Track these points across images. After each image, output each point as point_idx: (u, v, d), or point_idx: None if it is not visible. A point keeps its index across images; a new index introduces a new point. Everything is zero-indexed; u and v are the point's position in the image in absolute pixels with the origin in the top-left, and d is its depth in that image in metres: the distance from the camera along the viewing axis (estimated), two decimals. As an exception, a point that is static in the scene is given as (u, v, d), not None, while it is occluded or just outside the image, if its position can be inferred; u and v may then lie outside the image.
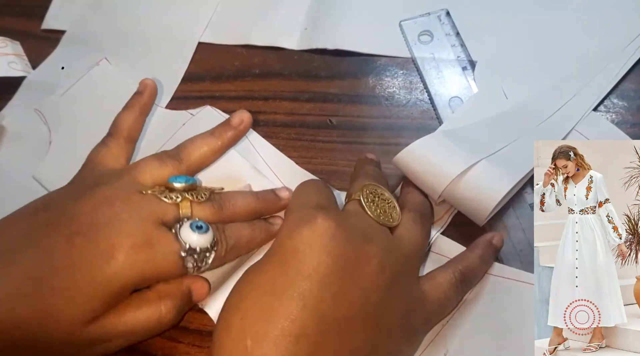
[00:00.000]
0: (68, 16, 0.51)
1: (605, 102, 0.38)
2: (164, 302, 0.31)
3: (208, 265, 0.31)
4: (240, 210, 0.34)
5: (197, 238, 0.30)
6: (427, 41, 0.42)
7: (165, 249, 0.30)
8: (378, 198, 0.30)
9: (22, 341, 0.28)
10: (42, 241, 0.29)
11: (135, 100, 0.40)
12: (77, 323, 0.28)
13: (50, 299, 0.28)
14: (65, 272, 0.28)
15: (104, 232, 0.29)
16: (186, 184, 0.33)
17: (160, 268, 0.30)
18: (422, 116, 0.40)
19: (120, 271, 0.28)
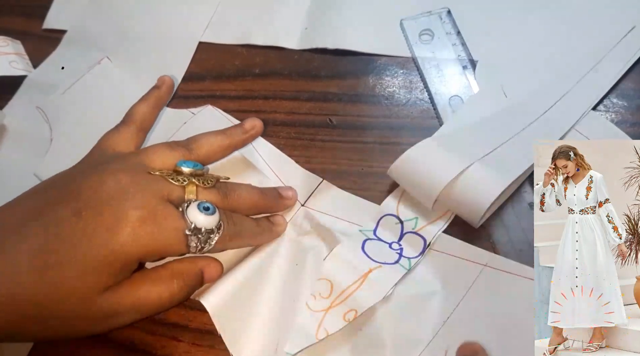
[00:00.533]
0: (69, 16, 0.51)
1: (605, 102, 0.38)
2: (176, 280, 0.32)
3: (211, 247, 0.31)
4: (244, 201, 0.34)
5: (204, 218, 0.30)
6: (428, 40, 0.42)
7: (171, 225, 0.30)
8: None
9: (33, 315, 0.29)
10: (50, 215, 0.30)
11: (151, 93, 0.41)
12: (88, 296, 0.29)
13: (59, 272, 0.28)
14: (73, 245, 0.29)
15: (110, 206, 0.29)
16: (194, 169, 0.33)
17: (164, 243, 0.30)
18: (422, 115, 0.40)
19: (125, 244, 0.29)
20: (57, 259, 0.28)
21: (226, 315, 0.33)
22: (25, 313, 0.28)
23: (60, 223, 0.29)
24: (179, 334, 0.35)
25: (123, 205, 0.29)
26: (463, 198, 0.33)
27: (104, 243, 0.29)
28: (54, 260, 0.28)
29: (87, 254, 0.29)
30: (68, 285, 0.28)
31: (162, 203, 0.30)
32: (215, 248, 0.32)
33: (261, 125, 0.40)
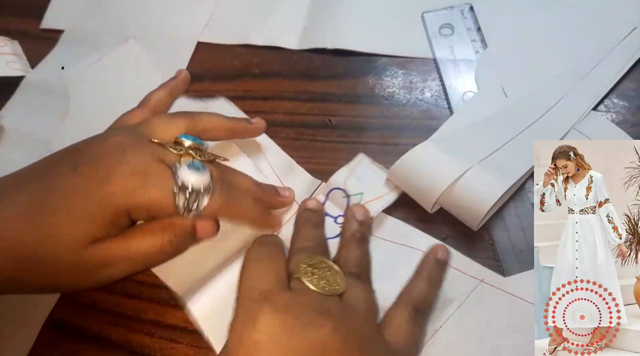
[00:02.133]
0: (67, 16, 0.51)
1: (606, 102, 0.38)
2: (166, 233, 0.32)
3: (199, 209, 0.31)
4: (239, 184, 0.34)
5: (192, 176, 0.30)
6: (448, 34, 0.42)
7: (159, 181, 0.30)
8: (318, 269, 0.30)
9: (26, 261, 0.29)
10: (50, 172, 0.31)
11: (168, 82, 0.42)
12: (79, 244, 0.29)
13: (52, 220, 0.29)
14: (67, 195, 0.30)
15: (105, 160, 0.30)
16: (193, 143, 0.33)
17: (152, 198, 0.30)
18: (422, 116, 0.40)
19: (115, 194, 0.29)
20: (50, 208, 0.29)
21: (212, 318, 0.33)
22: (19, 258, 0.29)
23: (57, 177, 0.30)
24: (177, 336, 0.34)
25: (118, 159, 0.30)
26: (462, 201, 0.33)
27: (94, 193, 0.29)
28: (47, 209, 0.29)
29: (79, 203, 0.29)
30: (58, 232, 0.29)
31: (156, 162, 0.31)
32: (205, 212, 0.31)
33: (265, 127, 0.39)
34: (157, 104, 0.40)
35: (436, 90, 0.41)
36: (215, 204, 0.31)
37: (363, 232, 0.34)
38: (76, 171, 0.30)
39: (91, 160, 0.31)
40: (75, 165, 0.30)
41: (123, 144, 0.31)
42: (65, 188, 0.30)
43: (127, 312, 0.36)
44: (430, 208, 0.35)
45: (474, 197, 0.33)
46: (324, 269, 0.30)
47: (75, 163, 0.31)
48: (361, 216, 0.34)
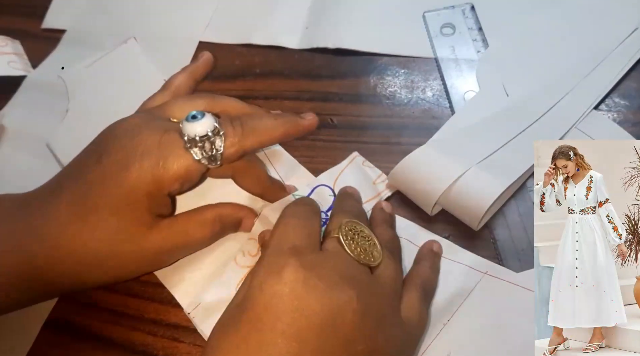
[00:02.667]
0: (68, 16, 0.51)
1: (607, 101, 0.38)
2: (217, 224, 0.34)
3: (221, 152, 0.31)
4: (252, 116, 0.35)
5: (193, 126, 0.31)
6: (449, 33, 0.43)
7: (171, 147, 0.31)
8: (358, 235, 0.29)
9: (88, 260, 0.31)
10: (81, 168, 0.32)
11: (189, 65, 0.42)
12: (136, 232, 0.31)
13: (97, 215, 0.30)
14: (102, 189, 0.31)
15: (122, 146, 0.31)
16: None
17: (173, 165, 0.31)
18: (423, 115, 0.40)
19: (139, 179, 0.30)
20: (92, 204, 0.30)
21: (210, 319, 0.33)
22: (82, 260, 0.31)
23: (87, 172, 0.31)
24: (180, 335, 0.35)
25: (133, 141, 0.31)
26: (461, 202, 0.33)
27: (122, 182, 0.30)
28: (89, 206, 0.30)
29: (114, 194, 0.30)
30: (111, 225, 0.30)
31: (167, 133, 0.32)
32: (229, 153, 0.32)
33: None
34: (179, 87, 0.40)
35: (437, 89, 0.41)
36: (234, 140, 0.32)
37: (392, 218, 0.35)
38: (100, 163, 0.31)
39: (111, 148, 0.31)
40: (99, 156, 0.31)
41: (139, 125, 0.32)
42: (98, 184, 0.31)
43: (129, 311, 0.36)
44: (430, 211, 0.35)
45: (473, 197, 0.33)
46: (363, 238, 0.29)
47: (99, 155, 0.32)
48: (388, 209, 0.35)
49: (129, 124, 0.32)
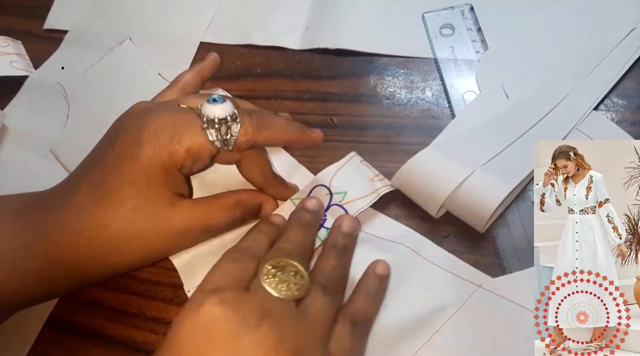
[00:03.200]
0: (70, 16, 0.52)
1: (606, 101, 0.38)
2: (238, 208, 0.34)
3: (234, 138, 0.32)
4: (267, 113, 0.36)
5: (213, 108, 0.32)
6: (449, 34, 0.43)
7: (188, 124, 0.32)
8: (282, 271, 0.29)
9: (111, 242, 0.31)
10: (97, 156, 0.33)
11: (197, 64, 0.43)
12: (156, 209, 0.31)
13: (117, 196, 0.31)
14: (117, 170, 0.31)
15: (134, 127, 0.32)
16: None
17: (188, 143, 0.31)
18: (423, 115, 0.40)
19: (153, 156, 0.31)
20: (110, 186, 0.31)
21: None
22: (103, 242, 0.31)
23: (103, 159, 0.32)
24: (180, 333, 0.35)
25: (144, 120, 0.32)
26: (467, 204, 0.33)
27: (136, 159, 0.31)
28: (108, 188, 0.31)
29: (130, 173, 0.31)
30: (130, 204, 0.31)
31: (182, 112, 0.32)
32: (242, 140, 0.32)
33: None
34: (187, 84, 0.40)
35: (437, 89, 0.41)
36: (248, 130, 0.32)
37: (345, 244, 0.34)
38: (114, 148, 0.32)
39: (124, 130, 0.32)
40: (113, 141, 0.32)
41: (148, 107, 0.33)
42: (113, 166, 0.31)
43: (130, 310, 0.36)
44: (436, 214, 0.35)
45: (479, 200, 0.33)
46: (288, 273, 0.30)
47: (112, 140, 0.32)
48: (347, 228, 0.34)
49: (142, 106, 0.33)
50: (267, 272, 0.29)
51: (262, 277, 0.29)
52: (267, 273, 0.29)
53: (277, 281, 0.29)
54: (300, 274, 0.30)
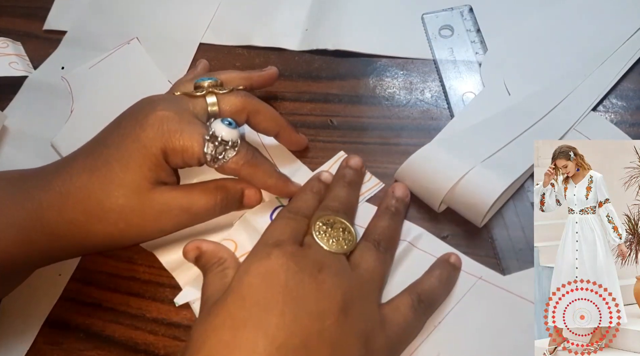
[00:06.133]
0: (69, 17, 0.52)
1: (604, 102, 0.38)
2: (220, 192, 0.35)
3: (225, 161, 0.34)
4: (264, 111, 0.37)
5: (223, 128, 0.33)
6: (448, 35, 0.43)
7: (192, 128, 0.33)
8: (331, 227, 0.32)
9: (95, 211, 0.33)
10: (102, 134, 0.35)
11: (190, 70, 0.44)
12: (140, 188, 0.33)
13: (107, 169, 0.33)
14: (116, 147, 0.33)
15: (142, 111, 0.34)
16: (211, 81, 0.36)
17: (185, 142, 0.33)
18: (422, 116, 0.40)
19: (152, 139, 0.33)
20: (105, 160, 0.33)
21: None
22: (89, 209, 0.32)
23: (107, 136, 0.34)
24: (181, 334, 0.35)
25: (153, 107, 0.34)
26: (466, 199, 0.34)
27: (136, 138, 0.33)
28: (103, 162, 0.33)
29: (126, 151, 0.33)
30: (117, 178, 0.33)
31: (189, 113, 0.34)
32: (229, 166, 0.34)
33: (276, 71, 0.41)
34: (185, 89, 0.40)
35: (436, 90, 0.41)
36: (239, 161, 0.34)
37: (397, 207, 0.35)
38: (119, 127, 0.34)
39: (130, 115, 0.34)
40: (118, 122, 0.34)
41: (157, 99, 0.35)
42: (113, 142, 0.33)
43: (130, 311, 0.36)
44: (438, 207, 0.35)
45: (477, 195, 0.33)
46: (338, 229, 0.32)
47: (119, 121, 0.35)
48: (400, 193, 0.36)
49: (147, 99, 0.35)
50: (318, 229, 0.32)
51: (314, 233, 0.32)
52: (318, 230, 0.32)
53: (327, 236, 0.32)
54: (348, 230, 0.33)
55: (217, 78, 0.37)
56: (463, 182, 0.33)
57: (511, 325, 0.31)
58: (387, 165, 0.38)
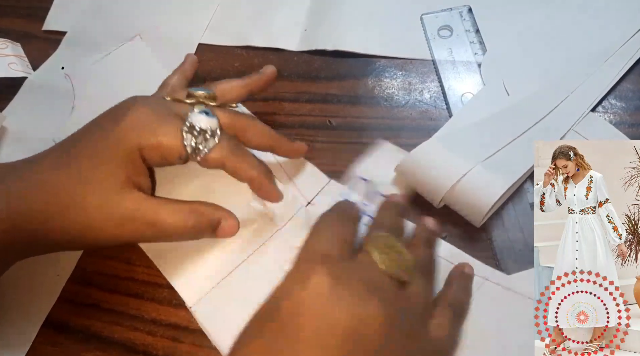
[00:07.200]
0: (69, 18, 0.52)
1: (604, 103, 0.38)
2: (192, 216, 0.33)
3: (207, 151, 0.32)
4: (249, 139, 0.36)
5: (200, 118, 0.32)
6: (447, 36, 0.43)
7: (170, 122, 0.33)
8: (391, 250, 0.29)
9: (62, 206, 0.31)
10: (79, 131, 0.34)
11: (178, 67, 0.43)
12: (107, 188, 0.32)
13: (79, 165, 0.32)
14: (89, 144, 0.33)
15: (122, 109, 0.33)
16: (204, 93, 0.35)
17: (162, 137, 0.32)
18: (421, 117, 0.40)
19: (126, 134, 0.32)
20: (74, 155, 0.32)
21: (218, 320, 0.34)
22: (59, 202, 0.31)
23: (83, 133, 0.34)
24: (179, 335, 0.35)
25: (132, 104, 0.33)
26: (466, 199, 0.34)
27: (110, 135, 0.32)
28: (74, 157, 0.32)
29: (99, 148, 0.32)
30: (83, 175, 0.32)
31: (167, 111, 0.33)
32: (212, 157, 0.33)
33: (274, 70, 0.40)
34: (174, 86, 0.40)
35: (435, 91, 0.41)
36: (221, 151, 0.33)
37: (433, 239, 0.34)
38: (96, 123, 0.34)
39: (109, 113, 0.34)
40: (96, 121, 0.34)
41: (138, 98, 0.34)
42: (88, 139, 0.33)
43: (129, 311, 0.36)
44: (437, 204, 0.35)
45: (477, 195, 0.33)
46: (396, 252, 0.29)
47: (96, 120, 0.34)
48: (431, 225, 0.34)
49: (129, 98, 0.35)
50: (378, 246, 0.28)
51: (374, 250, 0.28)
52: (378, 247, 0.28)
53: (387, 257, 0.28)
54: (405, 257, 0.29)
55: (213, 90, 0.36)
56: (463, 181, 0.33)
57: (518, 325, 0.31)
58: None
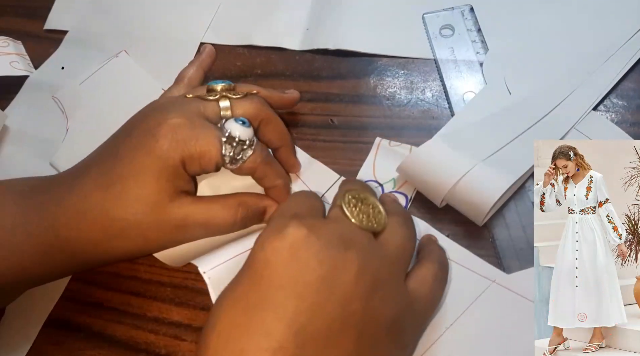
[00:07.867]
0: (70, 17, 0.52)
1: (605, 102, 0.38)
2: (241, 208, 0.34)
3: (243, 161, 0.33)
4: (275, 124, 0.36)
5: (239, 128, 0.33)
6: (448, 35, 0.43)
7: (206, 132, 0.32)
8: (362, 203, 0.30)
9: (112, 229, 0.32)
10: (111, 145, 0.34)
11: (196, 58, 0.42)
12: (157, 202, 0.32)
13: (122, 185, 0.32)
14: (129, 161, 0.32)
15: (154, 119, 0.33)
16: (224, 84, 0.35)
17: (202, 147, 0.32)
18: (423, 116, 0.40)
19: (167, 150, 0.32)
20: (118, 175, 0.32)
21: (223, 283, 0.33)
22: (106, 227, 0.32)
23: (117, 147, 0.33)
24: (182, 333, 0.35)
25: (164, 115, 0.32)
26: (467, 197, 0.33)
27: (150, 150, 0.32)
28: (116, 177, 0.32)
29: (140, 165, 0.32)
30: (133, 194, 0.32)
31: (200, 117, 0.33)
32: (246, 166, 0.33)
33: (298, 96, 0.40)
34: (191, 79, 0.40)
35: (437, 90, 0.41)
36: (256, 159, 0.33)
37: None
38: (130, 137, 0.33)
39: (141, 124, 0.33)
40: (129, 132, 0.33)
41: (166, 104, 0.34)
42: (126, 155, 0.32)
43: (131, 310, 0.36)
44: (439, 203, 0.35)
45: (479, 193, 0.33)
46: (367, 205, 0.30)
47: (129, 131, 0.33)
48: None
49: (158, 105, 0.34)
50: (348, 201, 0.29)
51: (344, 205, 0.29)
52: (348, 202, 0.29)
53: (357, 211, 0.29)
54: (378, 209, 0.30)
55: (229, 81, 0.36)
56: (465, 180, 0.33)
57: (524, 329, 0.31)
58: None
